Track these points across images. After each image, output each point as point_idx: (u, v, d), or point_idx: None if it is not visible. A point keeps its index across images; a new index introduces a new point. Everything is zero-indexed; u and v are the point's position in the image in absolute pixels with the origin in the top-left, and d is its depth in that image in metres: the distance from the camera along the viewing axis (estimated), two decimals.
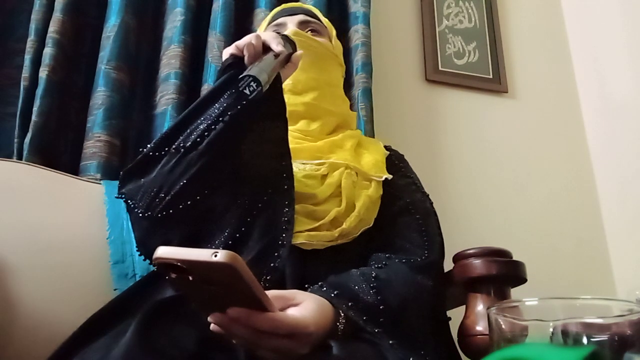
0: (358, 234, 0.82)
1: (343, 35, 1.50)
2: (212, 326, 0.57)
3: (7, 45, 1.26)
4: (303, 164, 0.86)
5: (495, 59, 1.75)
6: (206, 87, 1.28)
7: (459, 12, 1.77)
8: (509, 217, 1.59)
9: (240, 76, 0.68)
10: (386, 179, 0.91)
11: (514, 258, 0.83)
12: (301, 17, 1.01)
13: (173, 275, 0.50)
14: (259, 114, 0.75)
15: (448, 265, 0.87)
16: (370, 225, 0.84)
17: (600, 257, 1.65)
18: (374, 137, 1.36)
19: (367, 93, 1.39)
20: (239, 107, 0.72)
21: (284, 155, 0.78)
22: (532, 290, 0.69)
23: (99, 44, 1.27)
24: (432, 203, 0.96)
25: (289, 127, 0.85)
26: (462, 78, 1.70)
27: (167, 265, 0.50)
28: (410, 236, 0.85)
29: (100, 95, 1.21)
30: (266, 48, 0.77)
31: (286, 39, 0.81)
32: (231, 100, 0.73)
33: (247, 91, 0.67)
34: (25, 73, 1.19)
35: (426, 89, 1.67)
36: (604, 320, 0.39)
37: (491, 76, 1.73)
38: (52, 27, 1.21)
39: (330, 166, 0.87)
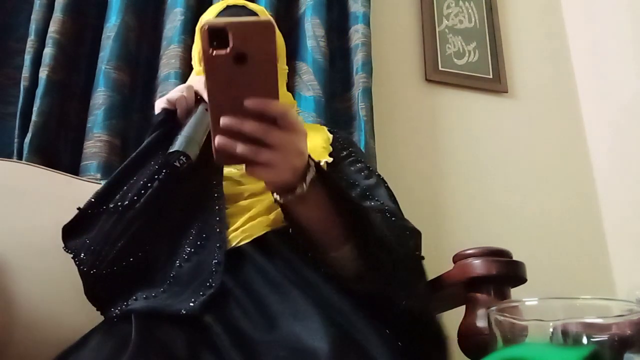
0: None
1: (343, 35, 1.50)
2: (218, 139, 0.58)
3: (7, 45, 1.27)
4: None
5: (495, 59, 1.75)
6: None
7: (459, 12, 1.77)
8: (509, 217, 1.59)
9: (169, 151, 0.67)
10: (334, 164, 0.89)
11: (514, 258, 0.83)
12: None
13: (211, 51, 0.55)
14: (194, 165, 0.74)
15: (448, 265, 0.87)
16: None
17: (600, 257, 1.65)
18: (373, 137, 1.37)
19: (367, 93, 1.39)
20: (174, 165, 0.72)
21: (219, 198, 0.78)
22: (532, 290, 0.69)
23: (99, 44, 1.27)
24: (387, 186, 0.93)
25: None
26: (462, 78, 1.70)
27: (213, 34, 0.54)
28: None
29: (100, 95, 1.21)
30: (199, 97, 0.76)
31: None
32: (164, 163, 0.73)
33: (177, 164, 0.67)
34: (25, 73, 1.19)
35: (426, 89, 1.67)
36: (604, 320, 0.39)
37: (491, 76, 1.73)
38: (52, 27, 1.21)
39: None
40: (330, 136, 0.97)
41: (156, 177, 0.73)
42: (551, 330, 0.39)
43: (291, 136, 0.62)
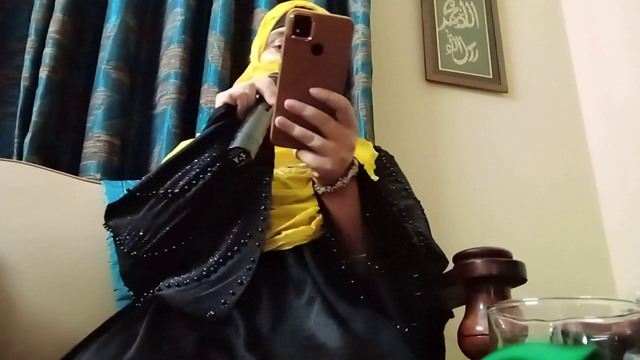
0: None
1: None
2: (279, 118, 0.62)
3: (7, 45, 1.27)
4: (289, 167, 0.86)
5: (495, 59, 1.75)
6: (206, 87, 1.28)
7: (459, 12, 1.77)
8: (509, 217, 1.59)
9: (230, 147, 0.68)
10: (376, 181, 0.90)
11: (514, 258, 0.83)
12: None
13: (293, 37, 0.60)
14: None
15: (448, 265, 0.87)
16: None
17: (600, 257, 1.65)
18: (373, 137, 1.37)
19: (367, 93, 1.39)
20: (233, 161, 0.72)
21: (267, 198, 0.78)
22: (532, 290, 0.69)
23: (99, 44, 1.27)
24: (423, 210, 0.94)
25: None
26: (462, 78, 1.70)
27: (297, 22, 0.60)
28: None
29: (100, 95, 1.21)
30: (259, 96, 0.77)
31: None
32: (220, 157, 0.74)
33: (236, 160, 0.68)
34: (25, 73, 1.19)
35: (426, 89, 1.67)
36: (604, 320, 0.39)
37: (491, 76, 1.73)
38: (52, 27, 1.21)
39: None
40: (376, 153, 0.98)
41: (209, 169, 0.73)
42: (551, 330, 0.39)
43: (346, 130, 0.65)
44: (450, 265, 0.86)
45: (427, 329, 0.76)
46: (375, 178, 0.89)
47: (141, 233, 0.74)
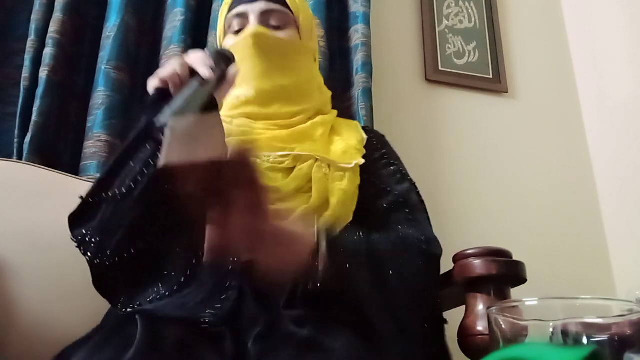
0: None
1: (343, 35, 1.50)
2: (208, 245, 0.55)
3: (7, 45, 1.27)
4: (266, 156, 0.81)
5: (495, 59, 1.75)
6: None
7: (459, 12, 1.77)
8: (509, 217, 1.59)
9: (154, 125, 0.64)
10: (367, 166, 0.86)
11: (514, 258, 0.83)
12: (262, 5, 0.89)
13: (182, 189, 0.50)
14: None
15: (448, 265, 0.87)
16: (349, 220, 0.80)
17: (600, 257, 1.65)
18: None
19: (367, 93, 1.39)
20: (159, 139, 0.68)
21: None
22: (532, 290, 0.69)
23: (99, 44, 1.27)
24: (418, 192, 0.91)
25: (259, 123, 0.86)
26: (462, 78, 1.70)
27: (178, 174, 0.49)
28: (405, 232, 0.83)
29: (100, 95, 1.21)
30: (194, 71, 0.72)
31: (220, 56, 0.75)
32: (155, 145, 0.70)
33: (162, 138, 0.63)
34: (25, 73, 1.19)
35: (426, 89, 1.67)
36: (604, 320, 0.39)
37: (491, 76, 1.73)
38: (52, 27, 1.21)
39: (295, 158, 0.82)
40: (365, 137, 0.94)
41: (151, 162, 0.69)
42: (551, 330, 0.39)
43: (288, 251, 0.59)
44: (450, 265, 0.86)
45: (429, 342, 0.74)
46: (361, 161, 0.85)
47: (99, 240, 0.70)
